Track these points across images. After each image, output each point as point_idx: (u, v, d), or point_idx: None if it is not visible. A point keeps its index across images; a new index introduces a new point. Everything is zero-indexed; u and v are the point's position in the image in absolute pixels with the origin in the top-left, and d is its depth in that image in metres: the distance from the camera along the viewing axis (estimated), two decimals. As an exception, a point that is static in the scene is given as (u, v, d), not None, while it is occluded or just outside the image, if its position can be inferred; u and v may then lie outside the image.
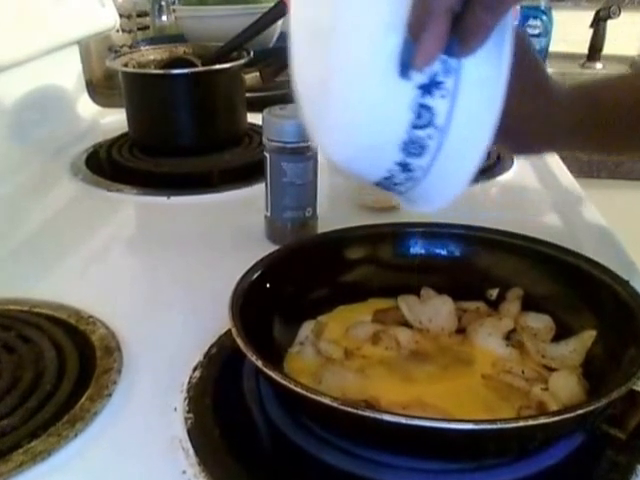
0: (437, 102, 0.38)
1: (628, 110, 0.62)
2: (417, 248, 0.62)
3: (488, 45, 0.37)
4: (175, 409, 0.50)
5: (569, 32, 1.82)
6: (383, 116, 0.38)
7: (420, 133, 0.38)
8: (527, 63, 0.59)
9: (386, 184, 0.43)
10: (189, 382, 0.52)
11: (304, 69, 0.42)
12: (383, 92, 0.38)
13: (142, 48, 1.13)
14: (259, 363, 0.43)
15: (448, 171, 0.41)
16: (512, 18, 0.38)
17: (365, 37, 0.37)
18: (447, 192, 0.43)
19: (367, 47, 0.37)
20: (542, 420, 0.39)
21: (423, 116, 0.38)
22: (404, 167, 0.40)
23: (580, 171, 1.28)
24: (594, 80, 0.83)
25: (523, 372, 0.50)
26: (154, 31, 1.66)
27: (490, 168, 0.97)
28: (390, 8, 0.36)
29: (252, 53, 1.03)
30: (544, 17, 1.66)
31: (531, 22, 1.67)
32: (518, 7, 1.69)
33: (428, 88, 0.37)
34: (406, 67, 0.37)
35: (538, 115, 0.60)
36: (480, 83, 0.38)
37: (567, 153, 1.03)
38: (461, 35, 0.36)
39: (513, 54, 0.38)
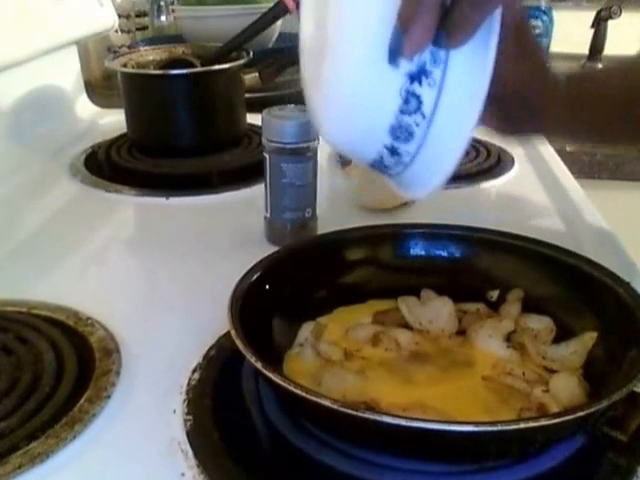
0: (424, 90, 0.40)
1: (618, 99, 0.62)
2: (417, 249, 0.62)
3: (475, 39, 0.39)
4: (174, 411, 0.50)
5: (570, 32, 1.82)
6: (373, 100, 0.41)
7: (407, 119, 0.41)
8: (525, 39, 0.59)
9: (378, 166, 0.46)
10: (188, 384, 0.52)
11: (309, 56, 0.45)
12: (373, 78, 0.40)
13: (141, 48, 1.13)
14: (259, 365, 0.43)
15: (434, 158, 0.43)
16: (499, 15, 0.40)
17: (358, 25, 0.39)
18: (433, 179, 0.45)
19: (359, 34, 0.40)
20: (543, 422, 0.39)
21: (411, 103, 0.40)
22: (393, 151, 0.43)
23: (581, 172, 1.28)
24: (595, 69, 0.84)
25: (524, 374, 0.50)
26: (153, 31, 1.66)
27: (491, 169, 0.97)
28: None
29: (251, 53, 1.03)
30: (545, 17, 1.66)
31: (532, 22, 1.66)
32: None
33: (416, 76, 0.40)
34: (395, 55, 0.39)
35: (534, 91, 0.60)
36: (466, 75, 0.40)
37: (567, 153, 1.03)
38: (449, 28, 0.39)
39: (512, 27, 0.39)
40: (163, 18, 1.67)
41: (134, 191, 0.91)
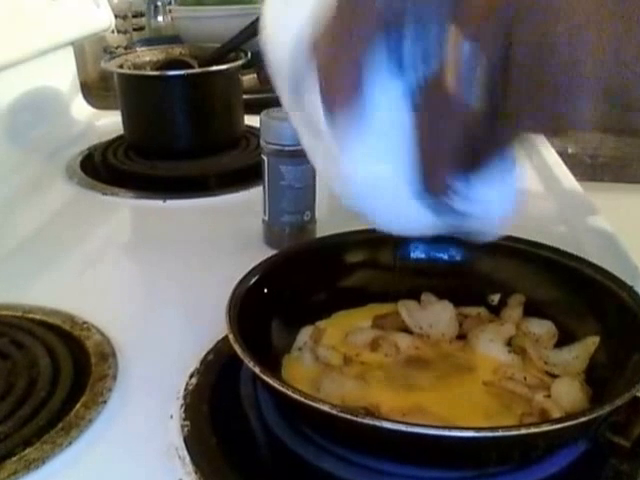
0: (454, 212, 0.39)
1: None
2: (417, 252, 0.61)
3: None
4: (171, 416, 0.49)
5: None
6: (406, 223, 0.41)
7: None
8: None
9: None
10: (185, 389, 0.52)
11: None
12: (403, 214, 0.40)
13: (138, 49, 1.13)
14: (257, 369, 0.43)
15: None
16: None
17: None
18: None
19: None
20: (544, 428, 0.39)
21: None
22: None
23: (583, 174, 1.27)
24: None
25: (525, 379, 0.49)
26: (150, 32, 1.65)
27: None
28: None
29: (249, 54, 1.02)
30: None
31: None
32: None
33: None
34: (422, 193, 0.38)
35: None
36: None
37: (569, 156, 1.03)
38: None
39: None
40: (160, 19, 1.67)
41: (131, 194, 0.90)
